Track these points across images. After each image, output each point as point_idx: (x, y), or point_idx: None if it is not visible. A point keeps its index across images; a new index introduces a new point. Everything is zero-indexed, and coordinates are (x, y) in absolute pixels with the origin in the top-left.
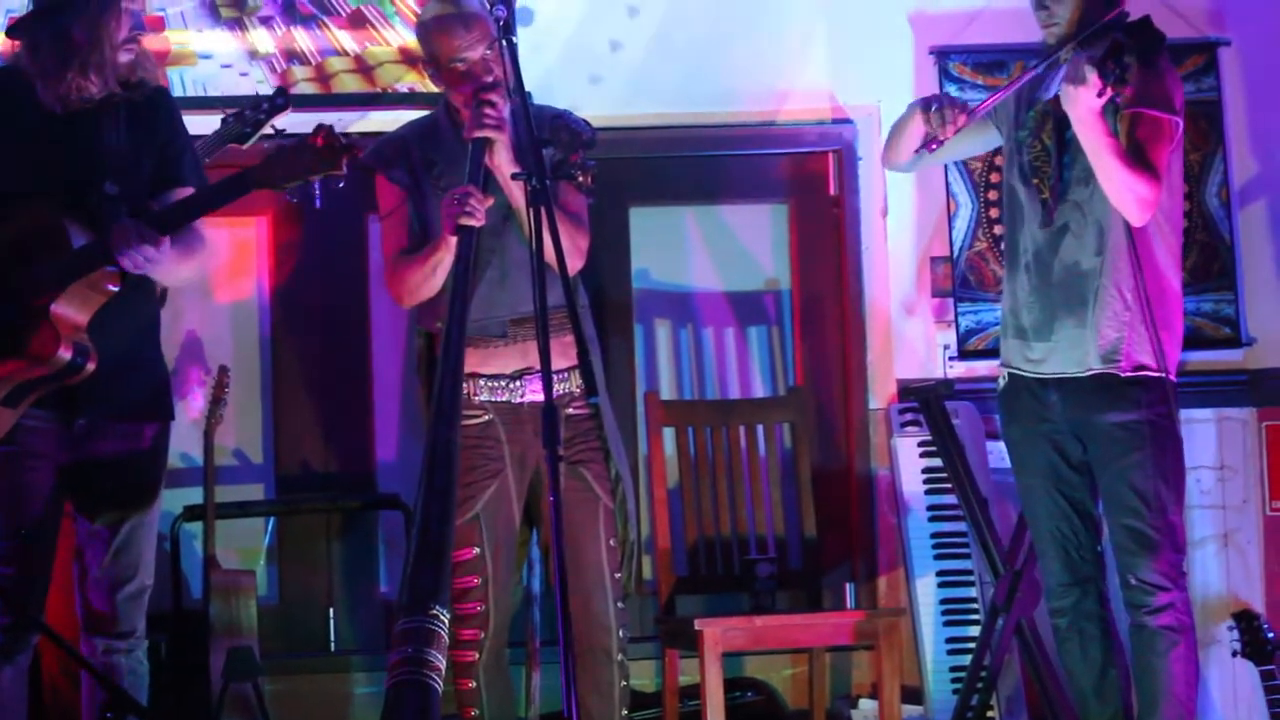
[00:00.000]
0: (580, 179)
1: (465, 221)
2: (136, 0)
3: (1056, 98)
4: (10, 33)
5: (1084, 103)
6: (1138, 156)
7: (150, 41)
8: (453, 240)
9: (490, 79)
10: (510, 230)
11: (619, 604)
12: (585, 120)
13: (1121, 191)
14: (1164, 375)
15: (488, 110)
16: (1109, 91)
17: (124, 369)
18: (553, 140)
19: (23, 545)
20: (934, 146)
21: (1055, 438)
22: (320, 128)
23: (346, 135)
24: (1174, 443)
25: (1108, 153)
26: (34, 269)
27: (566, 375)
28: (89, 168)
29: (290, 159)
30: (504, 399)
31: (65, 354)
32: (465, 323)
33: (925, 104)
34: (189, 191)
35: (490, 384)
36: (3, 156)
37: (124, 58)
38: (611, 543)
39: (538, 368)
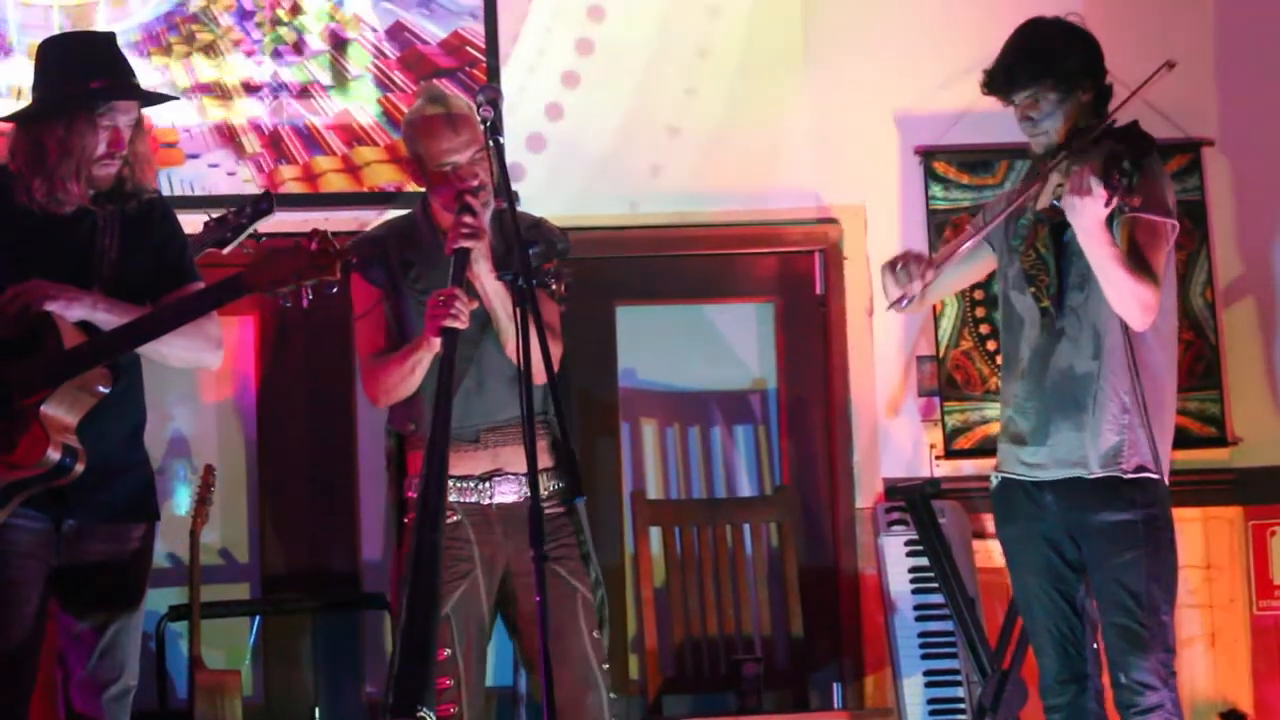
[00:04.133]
0: (554, 287)
1: (449, 324)
2: (120, 116)
3: (1052, 206)
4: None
5: (1090, 214)
6: (1138, 261)
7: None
8: (434, 340)
9: (475, 182)
10: (488, 339)
11: (611, 695)
12: (560, 229)
13: (1126, 298)
14: (1160, 477)
15: (466, 219)
16: (1115, 201)
17: (113, 471)
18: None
19: (10, 646)
20: (904, 302)
21: (1051, 536)
22: (315, 232)
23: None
24: (1168, 543)
25: (1112, 262)
26: (24, 369)
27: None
28: (79, 272)
29: (284, 263)
30: (473, 500)
31: (54, 455)
32: (449, 425)
33: (891, 264)
34: (200, 286)
35: (459, 485)
36: None
37: (102, 171)
38: (595, 634)
39: (507, 470)
